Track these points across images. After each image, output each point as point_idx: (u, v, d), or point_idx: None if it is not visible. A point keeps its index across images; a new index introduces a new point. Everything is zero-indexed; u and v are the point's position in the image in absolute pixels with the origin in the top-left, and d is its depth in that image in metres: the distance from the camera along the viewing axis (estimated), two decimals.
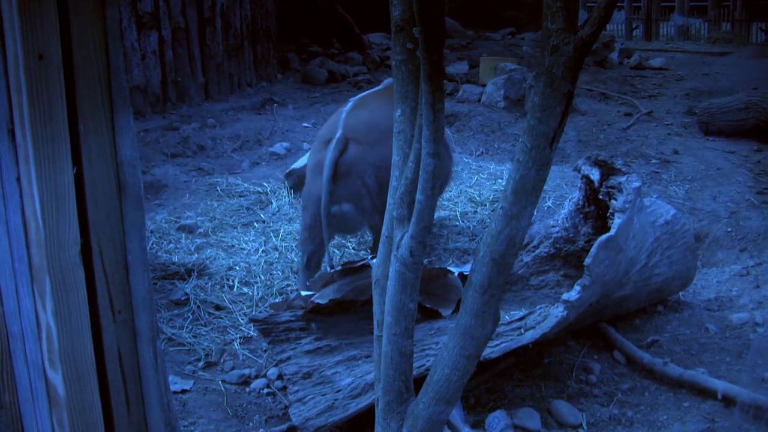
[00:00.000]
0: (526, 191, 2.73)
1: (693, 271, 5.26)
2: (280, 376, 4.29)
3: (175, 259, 6.02)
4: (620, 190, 4.57)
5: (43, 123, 1.74)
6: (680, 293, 5.37)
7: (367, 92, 6.47)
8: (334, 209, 5.29)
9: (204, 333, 4.95)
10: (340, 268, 4.27)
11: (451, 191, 7.57)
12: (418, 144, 2.96)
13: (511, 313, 4.39)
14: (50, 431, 1.92)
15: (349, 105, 5.87)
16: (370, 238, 6.28)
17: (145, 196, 2.14)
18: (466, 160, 8.88)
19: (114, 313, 1.98)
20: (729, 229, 6.74)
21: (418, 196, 2.93)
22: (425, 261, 3.26)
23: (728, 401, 3.94)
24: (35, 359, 1.89)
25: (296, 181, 7.73)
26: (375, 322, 3.34)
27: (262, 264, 5.98)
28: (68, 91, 1.80)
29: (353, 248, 6.38)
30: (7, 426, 2.01)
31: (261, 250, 6.30)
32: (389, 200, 3.26)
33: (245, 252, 6.28)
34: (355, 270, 4.22)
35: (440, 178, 2.90)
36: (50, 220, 1.78)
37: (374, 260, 3.44)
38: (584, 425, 3.97)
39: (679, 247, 5.02)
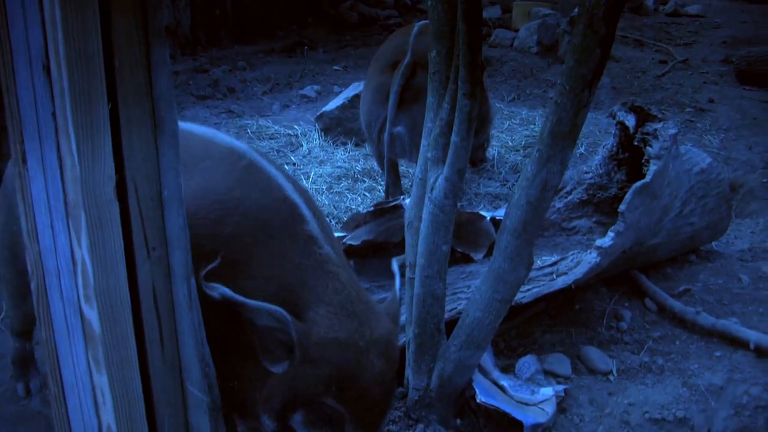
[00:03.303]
0: (563, 134, 2.70)
1: (727, 221, 5.20)
2: None
3: None
4: (656, 137, 4.50)
5: (79, 58, 1.72)
6: (713, 243, 5.32)
7: None
8: (396, 130, 5.60)
9: None
10: (372, 209, 4.26)
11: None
12: (454, 85, 2.92)
13: (543, 258, 4.36)
14: (85, 366, 1.93)
15: (415, 29, 5.88)
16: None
17: None
18: (498, 106, 8.79)
19: (149, 249, 1.98)
20: (764, 180, 6.65)
21: (454, 138, 2.91)
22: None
23: (761, 352, 3.91)
24: (71, 295, 1.89)
25: (327, 124, 7.70)
26: (407, 265, 3.34)
27: None
28: (104, 26, 1.78)
29: (382, 191, 6.36)
30: (44, 361, 2.03)
31: None
32: (423, 142, 3.23)
33: None
34: (387, 211, 4.20)
35: (477, 120, 2.86)
36: (86, 156, 1.76)
37: (407, 201, 3.43)
38: (614, 372, 3.96)
39: (714, 196, 4.95)
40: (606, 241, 4.06)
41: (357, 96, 7.30)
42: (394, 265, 2.62)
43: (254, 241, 2.45)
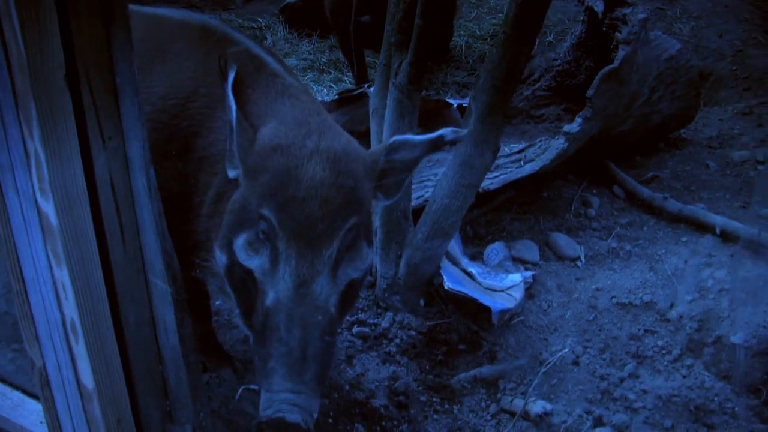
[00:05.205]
0: (530, 16, 2.65)
1: (695, 109, 5.19)
2: None
3: None
4: (625, 22, 4.45)
5: None
6: (682, 130, 5.32)
7: None
8: (362, 19, 5.59)
9: None
10: (336, 97, 4.20)
11: None
12: None
13: (511, 146, 4.35)
14: (45, 260, 1.90)
15: None
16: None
17: None
18: None
19: (104, 140, 1.92)
20: (734, 68, 6.61)
21: (417, 21, 2.84)
22: (422, 94, 3.20)
23: (726, 237, 3.94)
24: (26, 189, 1.84)
25: (291, 16, 7.54)
26: None
27: None
28: None
29: (350, 83, 6.27)
30: (3, 258, 1.99)
31: None
32: (387, 27, 3.16)
33: None
34: (352, 100, 4.14)
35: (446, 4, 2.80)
36: (32, 43, 1.69)
37: (372, 89, 3.37)
38: (582, 258, 3.99)
39: (683, 83, 4.92)
40: (573, 126, 4.04)
41: None
42: (443, 131, 2.43)
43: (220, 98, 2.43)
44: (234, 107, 2.18)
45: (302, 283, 2.13)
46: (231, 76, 2.22)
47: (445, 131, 2.37)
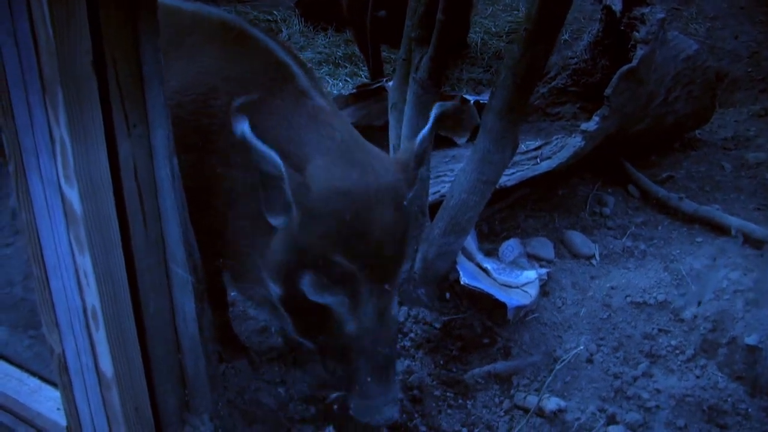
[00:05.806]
0: (552, 14, 2.64)
1: (711, 110, 5.18)
2: None
3: None
4: (643, 22, 4.44)
5: None
6: (697, 131, 5.31)
7: None
8: (378, 14, 5.61)
9: None
10: (354, 91, 4.18)
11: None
12: None
13: (527, 143, 4.34)
14: (68, 246, 1.90)
15: None
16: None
17: None
18: None
19: (129, 127, 1.92)
20: (749, 69, 6.58)
21: (439, 16, 2.85)
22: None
23: (742, 238, 3.94)
24: (50, 175, 1.84)
25: (306, 10, 7.54)
26: (391, 147, 3.30)
27: None
28: None
29: (366, 77, 6.27)
30: (26, 244, 2.00)
31: None
32: (407, 22, 3.16)
33: None
34: (369, 94, 4.13)
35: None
36: (61, 28, 1.69)
37: (390, 83, 3.38)
38: (597, 256, 3.99)
39: (700, 83, 4.91)
40: (591, 125, 4.04)
41: None
42: (433, 111, 2.45)
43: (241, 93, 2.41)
44: (280, 162, 2.13)
45: (382, 311, 2.29)
46: (254, 138, 2.16)
47: (434, 111, 2.41)
